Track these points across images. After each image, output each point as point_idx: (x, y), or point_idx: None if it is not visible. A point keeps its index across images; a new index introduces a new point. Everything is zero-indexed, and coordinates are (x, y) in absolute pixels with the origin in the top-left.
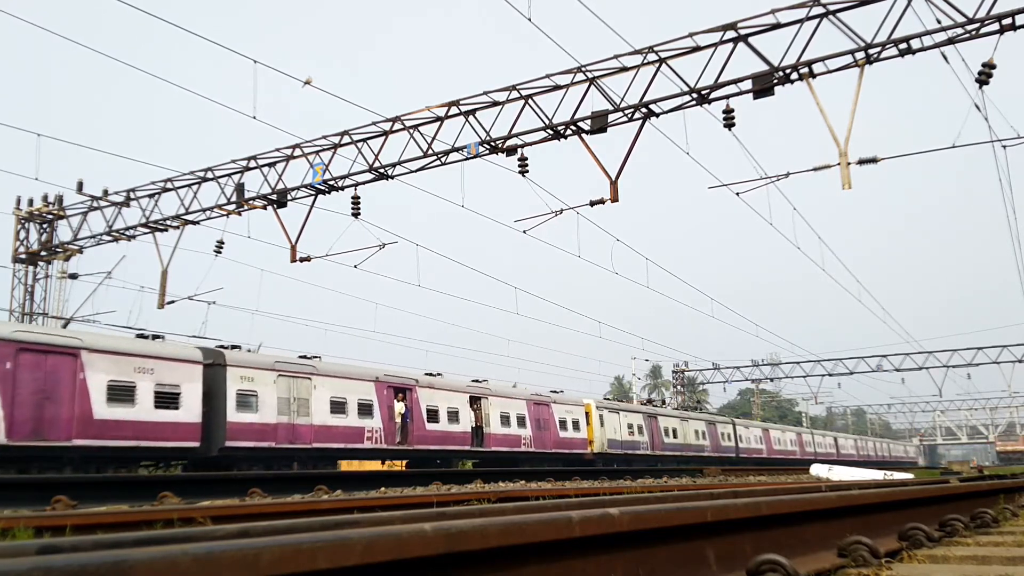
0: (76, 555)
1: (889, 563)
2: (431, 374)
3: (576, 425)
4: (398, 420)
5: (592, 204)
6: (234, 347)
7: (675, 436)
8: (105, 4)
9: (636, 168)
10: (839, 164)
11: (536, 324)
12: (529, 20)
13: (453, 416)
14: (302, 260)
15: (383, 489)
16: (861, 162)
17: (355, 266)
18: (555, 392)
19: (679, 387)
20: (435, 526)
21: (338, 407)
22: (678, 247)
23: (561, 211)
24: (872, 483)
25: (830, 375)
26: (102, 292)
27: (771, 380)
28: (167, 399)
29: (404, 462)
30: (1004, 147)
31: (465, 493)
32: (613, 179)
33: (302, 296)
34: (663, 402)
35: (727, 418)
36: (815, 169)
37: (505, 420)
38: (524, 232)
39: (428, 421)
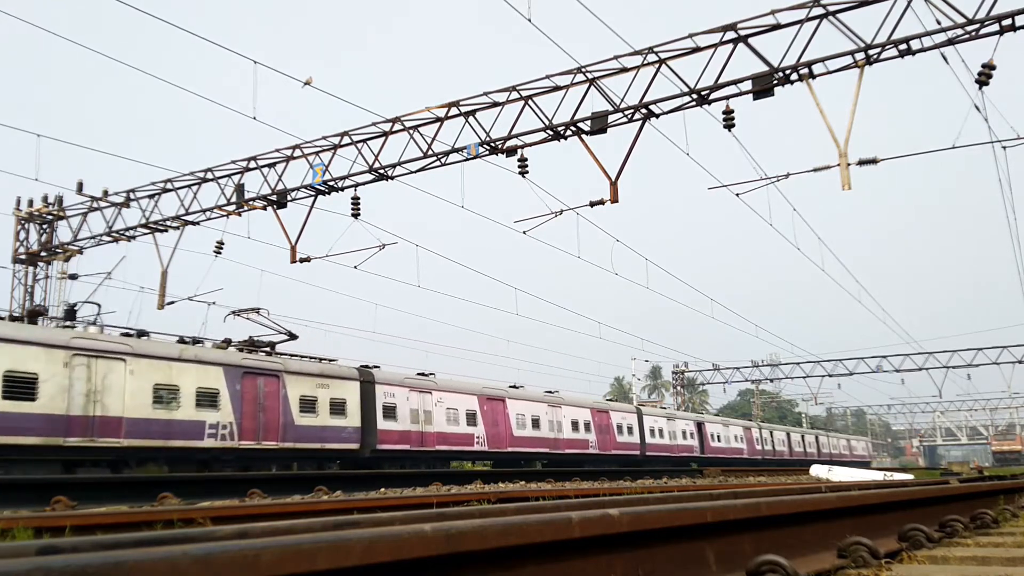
0: (76, 556)
1: (889, 564)
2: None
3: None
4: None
5: (592, 205)
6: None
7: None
8: (105, 4)
9: (636, 169)
10: (839, 165)
11: (536, 324)
12: (529, 20)
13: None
14: (302, 261)
15: (383, 490)
16: (861, 163)
17: (355, 267)
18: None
19: (679, 388)
20: (435, 527)
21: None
22: (678, 248)
23: (561, 212)
24: (872, 484)
25: (830, 376)
26: (102, 292)
27: (771, 381)
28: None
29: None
30: (1004, 148)
31: (465, 494)
32: (613, 180)
33: (302, 296)
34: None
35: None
36: (815, 170)
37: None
38: (524, 232)
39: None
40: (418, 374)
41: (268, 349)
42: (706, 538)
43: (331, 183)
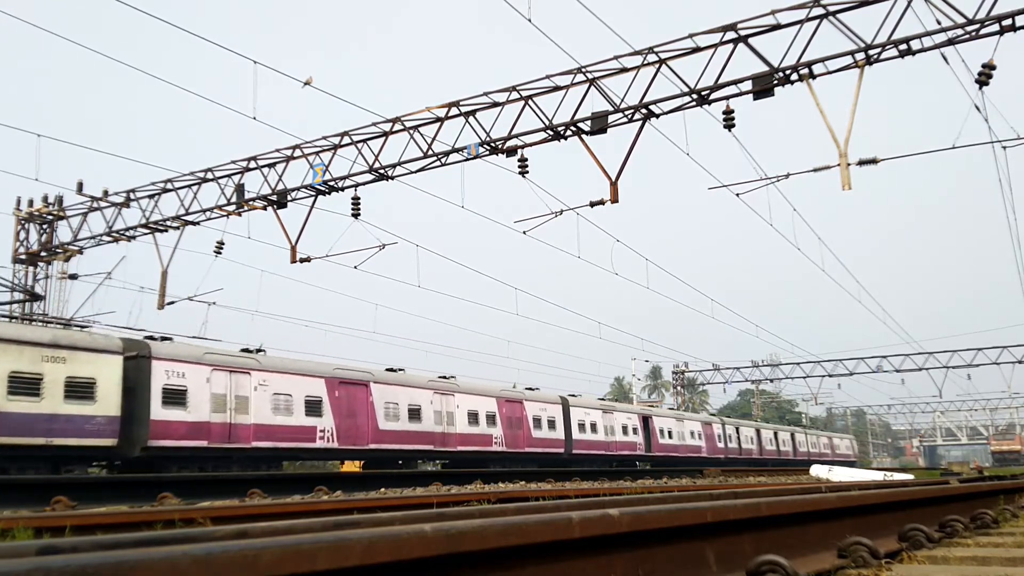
0: (75, 556)
1: (889, 564)
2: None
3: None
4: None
5: (592, 205)
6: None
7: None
8: (105, 4)
9: (636, 169)
10: (839, 165)
11: (536, 324)
12: (529, 21)
13: (415, 414)
14: (302, 261)
15: (383, 490)
16: (861, 163)
17: (355, 267)
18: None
19: (679, 388)
20: (435, 527)
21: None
22: (678, 248)
23: (561, 212)
24: (872, 484)
25: (830, 376)
26: (102, 292)
27: (771, 381)
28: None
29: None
30: (1004, 148)
31: (465, 494)
32: (613, 180)
33: (302, 297)
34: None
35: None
36: (815, 170)
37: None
38: (524, 233)
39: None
40: (242, 350)
41: None
42: (706, 538)
43: (331, 183)
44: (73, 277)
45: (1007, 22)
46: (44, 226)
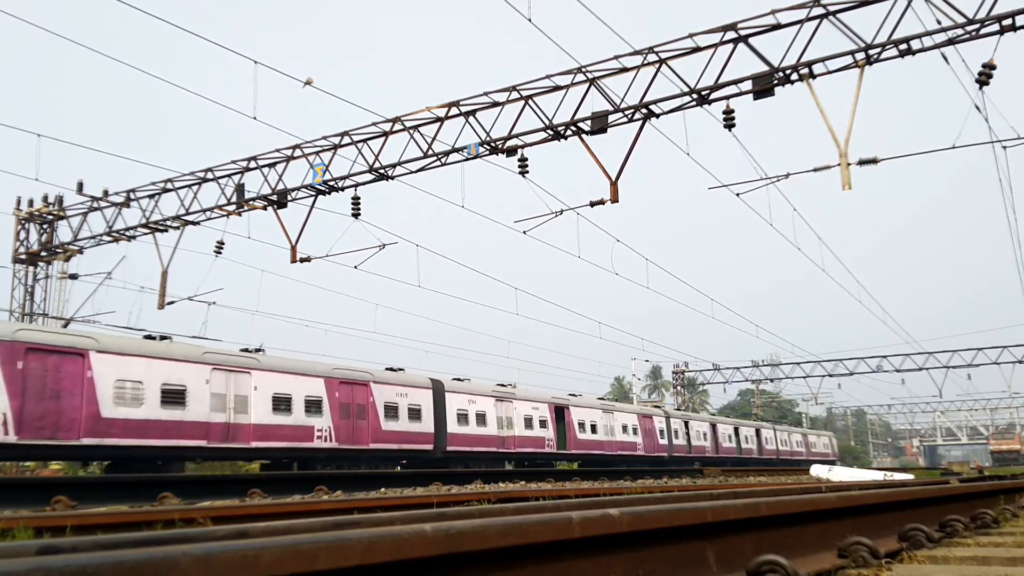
0: (75, 556)
1: (889, 564)
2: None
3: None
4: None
5: (592, 205)
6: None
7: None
8: (105, 4)
9: (636, 169)
10: (839, 165)
11: (536, 324)
12: (529, 20)
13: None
14: (302, 260)
15: (383, 490)
16: (861, 163)
17: (355, 267)
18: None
19: (679, 388)
20: (435, 527)
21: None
22: (678, 248)
23: (561, 211)
24: (872, 484)
25: (830, 376)
26: (102, 292)
27: (771, 381)
28: (534, 423)
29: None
30: (1004, 148)
31: (465, 494)
32: (613, 180)
33: (302, 297)
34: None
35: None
36: (815, 170)
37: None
38: (524, 232)
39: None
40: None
41: None
42: (706, 538)
43: (331, 183)
44: (73, 277)
45: (1007, 22)
46: (44, 226)
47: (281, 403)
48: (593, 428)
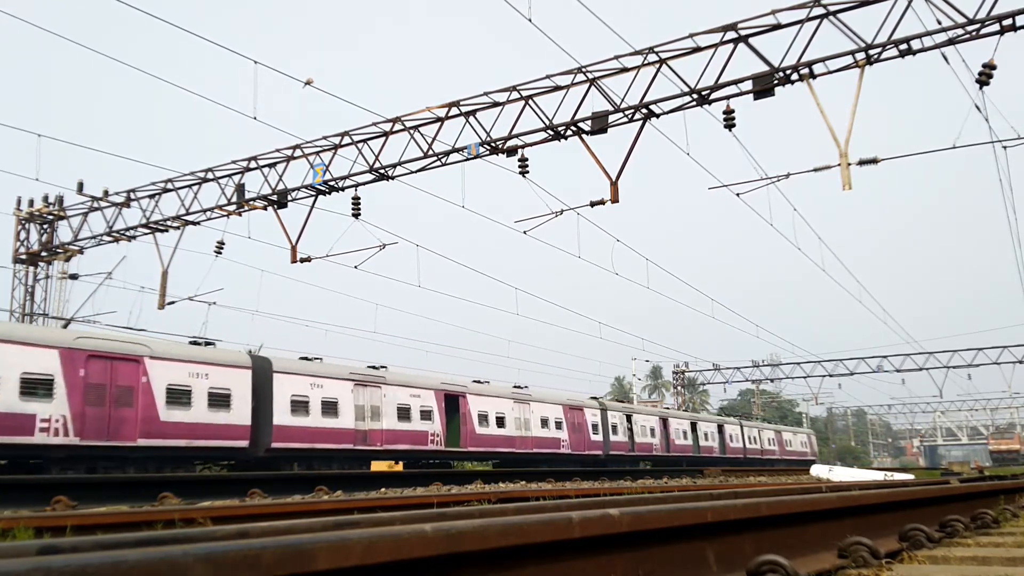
0: (76, 555)
1: (889, 564)
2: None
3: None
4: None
5: (592, 205)
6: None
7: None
8: (105, 4)
9: (636, 169)
10: (839, 165)
11: (536, 324)
12: (529, 20)
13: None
14: (302, 261)
15: (383, 490)
16: (861, 163)
17: (355, 267)
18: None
19: (679, 388)
20: (435, 527)
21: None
22: (678, 248)
23: (561, 212)
24: (872, 484)
25: (830, 376)
26: (102, 292)
27: (771, 381)
28: (412, 415)
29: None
30: (1004, 147)
31: (465, 494)
32: (613, 180)
33: (302, 297)
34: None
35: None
36: (815, 170)
37: (404, 414)
38: (524, 232)
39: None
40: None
41: None
42: (706, 538)
43: (331, 183)
44: (73, 277)
45: (1007, 22)
46: (44, 226)
47: None
48: (500, 421)
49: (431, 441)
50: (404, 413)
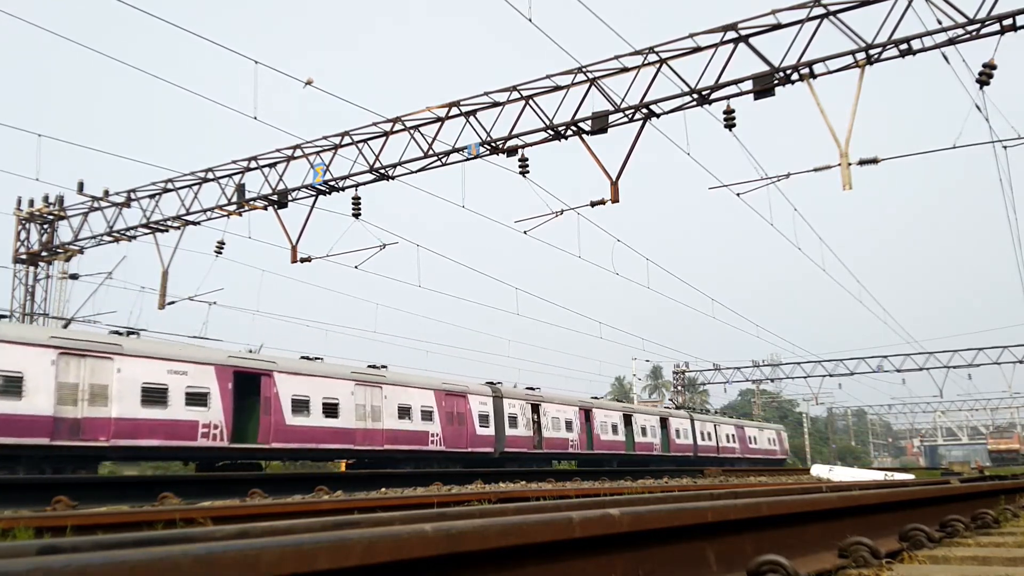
0: (76, 555)
1: (890, 563)
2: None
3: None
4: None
5: (593, 205)
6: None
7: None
8: (105, 4)
9: (637, 169)
10: (839, 165)
11: (536, 324)
12: (530, 20)
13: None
14: (303, 260)
15: (383, 490)
16: (861, 163)
17: (356, 266)
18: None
19: (679, 388)
20: (436, 527)
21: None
22: (679, 247)
23: (562, 212)
24: (872, 484)
25: (831, 376)
26: (102, 292)
27: (772, 381)
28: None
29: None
30: (1005, 147)
31: (466, 494)
32: (614, 180)
33: (303, 296)
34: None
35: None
36: (816, 170)
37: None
38: (525, 232)
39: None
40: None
41: None
42: (707, 538)
43: (332, 183)
44: (74, 277)
45: (1008, 22)
46: (45, 226)
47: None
48: (330, 410)
49: (212, 435)
50: (154, 396)
